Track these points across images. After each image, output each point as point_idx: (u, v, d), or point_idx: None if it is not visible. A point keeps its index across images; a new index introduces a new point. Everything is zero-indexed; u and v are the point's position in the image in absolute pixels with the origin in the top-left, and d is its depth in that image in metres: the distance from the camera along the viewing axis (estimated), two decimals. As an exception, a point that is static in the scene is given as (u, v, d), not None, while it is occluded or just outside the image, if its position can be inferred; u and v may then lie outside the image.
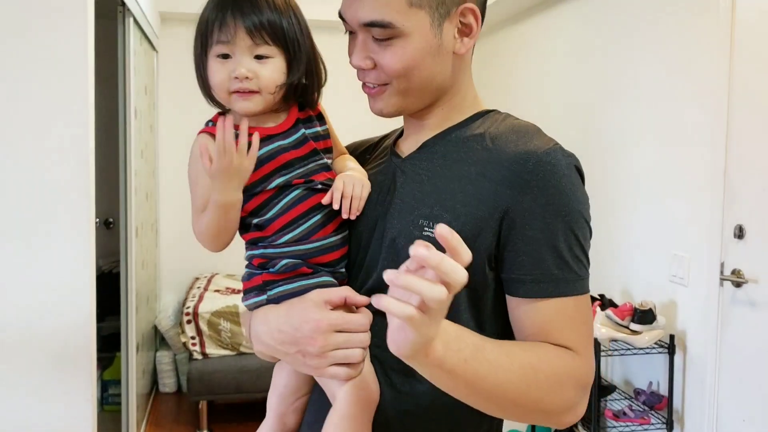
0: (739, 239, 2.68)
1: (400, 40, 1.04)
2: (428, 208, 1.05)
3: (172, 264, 5.14)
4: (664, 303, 3.13)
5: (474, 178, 1.05)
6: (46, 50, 2.39)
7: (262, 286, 1.11)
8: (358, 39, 1.08)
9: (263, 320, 1.10)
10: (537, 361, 0.97)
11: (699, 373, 2.92)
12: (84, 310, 2.48)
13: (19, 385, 2.45)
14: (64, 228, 2.44)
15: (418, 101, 1.12)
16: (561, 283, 1.01)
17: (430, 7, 1.04)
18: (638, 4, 3.32)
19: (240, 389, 4.07)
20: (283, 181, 1.10)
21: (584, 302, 1.04)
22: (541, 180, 1.00)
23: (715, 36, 2.77)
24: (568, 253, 1.01)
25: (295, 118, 1.15)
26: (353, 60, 1.09)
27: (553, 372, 0.97)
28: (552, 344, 1.01)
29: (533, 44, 4.33)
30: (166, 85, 4.96)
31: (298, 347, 1.04)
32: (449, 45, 1.08)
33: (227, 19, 1.05)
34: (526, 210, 1.01)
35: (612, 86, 3.55)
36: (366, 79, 1.11)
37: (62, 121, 2.42)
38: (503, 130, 1.09)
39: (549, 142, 1.04)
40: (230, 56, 1.07)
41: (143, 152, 4.00)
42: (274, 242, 1.11)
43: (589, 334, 1.04)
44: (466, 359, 0.91)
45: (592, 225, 1.08)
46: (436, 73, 1.08)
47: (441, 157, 1.10)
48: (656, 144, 3.18)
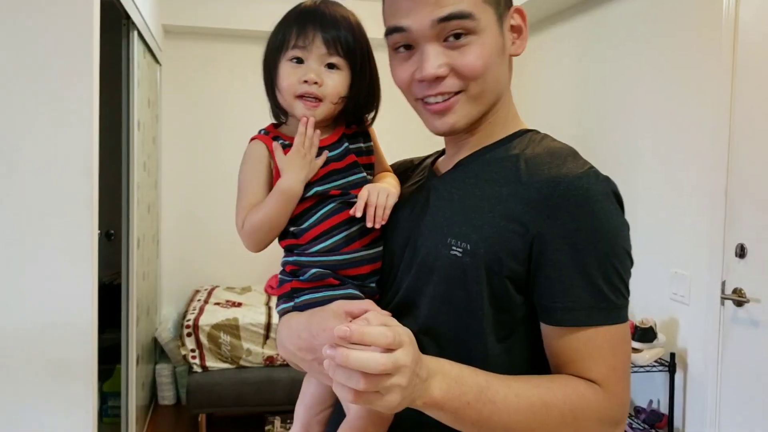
0: (741, 258, 2.68)
1: (476, 37, 1.03)
2: (457, 226, 1.05)
3: (172, 276, 5.13)
4: (665, 321, 3.12)
5: (504, 198, 1.03)
6: (52, 62, 2.41)
7: (290, 293, 1.15)
8: (424, 47, 1.04)
9: (287, 326, 1.12)
10: (550, 397, 0.95)
11: (700, 391, 2.91)
12: (85, 321, 2.48)
13: (20, 395, 2.45)
14: (67, 239, 2.45)
15: (485, 110, 1.10)
16: (594, 312, 0.98)
17: (496, 3, 1.05)
18: (640, 24, 3.33)
19: (239, 402, 4.05)
20: (321, 191, 1.14)
21: (619, 332, 0.99)
22: (573, 205, 0.98)
23: (717, 57, 2.78)
24: (603, 281, 0.98)
25: (341, 133, 1.20)
26: (427, 69, 1.03)
27: (569, 408, 0.95)
28: (577, 376, 0.99)
29: (535, 62, 4.34)
30: (168, 97, 4.98)
31: (315, 355, 1.04)
32: (508, 45, 1.09)
33: (307, 27, 1.13)
34: (556, 235, 0.98)
35: (614, 105, 3.55)
36: (437, 91, 1.05)
37: (66, 133, 2.43)
38: (538, 152, 1.07)
39: (583, 166, 1.02)
40: (303, 62, 1.14)
41: (146, 164, 4.01)
42: (306, 251, 1.14)
43: (620, 367, 0.99)
44: (469, 402, 0.91)
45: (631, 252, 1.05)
46: (501, 76, 1.09)
47: (473, 177, 1.09)
48: (658, 162, 3.19)
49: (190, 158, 5.08)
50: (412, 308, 1.08)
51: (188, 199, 5.10)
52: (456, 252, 1.02)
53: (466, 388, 0.91)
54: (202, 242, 5.16)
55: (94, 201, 2.48)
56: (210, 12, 4.83)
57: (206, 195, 5.09)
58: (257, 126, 1.22)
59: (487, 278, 1.01)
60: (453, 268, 1.03)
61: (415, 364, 0.85)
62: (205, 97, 5.08)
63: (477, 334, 1.03)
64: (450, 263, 1.03)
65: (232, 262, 5.12)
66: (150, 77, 4.23)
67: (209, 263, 5.20)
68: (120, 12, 3.24)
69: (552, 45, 4.16)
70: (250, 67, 5.65)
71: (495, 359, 1.02)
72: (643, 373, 3.13)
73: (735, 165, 2.70)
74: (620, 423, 0.99)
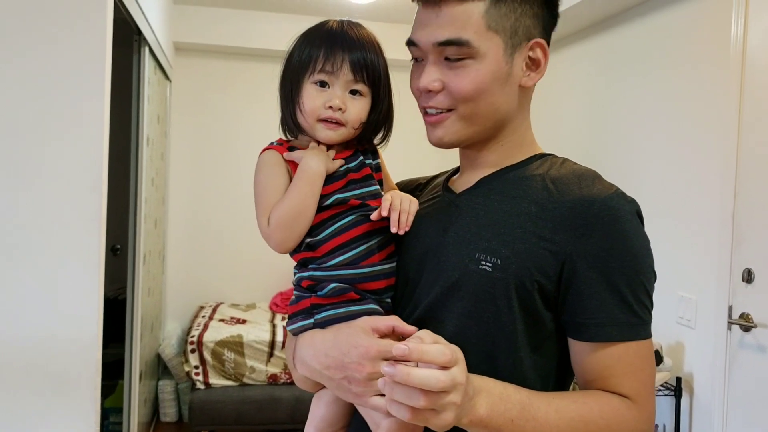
0: (748, 283, 2.66)
1: (473, 62, 1.06)
2: (486, 241, 1.06)
3: (177, 292, 5.14)
4: (671, 345, 3.11)
5: (534, 216, 1.05)
6: (63, 76, 2.42)
7: (309, 309, 1.12)
8: (427, 62, 1.10)
9: (310, 344, 1.10)
10: (587, 413, 0.98)
11: (706, 416, 2.88)
12: (90, 336, 2.47)
13: (21, 409, 2.44)
14: (74, 253, 2.45)
15: (480, 131, 1.12)
16: (625, 328, 1.01)
17: (506, 33, 1.06)
18: (649, 48, 3.34)
19: (241, 420, 4.04)
20: (342, 198, 1.13)
21: (647, 348, 1.03)
22: (606, 225, 1.01)
23: (725, 81, 2.78)
24: (632, 298, 1.01)
25: (355, 149, 1.21)
26: (421, 81, 1.09)
27: (606, 424, 0.98)
28: (610, 392, 1.01)
29: (544, 83, 4.35)
30: (178, 114, 5.01)
31: (345, 373, 1.02)
32: (517, 76, 1.10)
33: (335, 51, 1.13)
34: (589, 254, 1.01)
35: (622, 128, 3.56)
36: (430, 104, 1.11)
37: (76, 147, 2.44)
38: (564, 173, 1.10)
39: (611, 188, 1.05)
40: (328, 86, 1.14)
41: (153, 180, 4.03)
42: (324, 264, 1.12)
43: (649, 382, 1.03)
44: (513, 419, 0.93)
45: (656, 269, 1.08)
46: (501, 103, 1.10)
47: (498, 194, 1.11)
48: (665, 185, 3.19)
49: (198, 175, 5.10)
50: (436, 324, 1.07)
51: (195, 215, 5.12)
52: (486, 267, 1.04)
53: (509, 405, 0.94)
54: (207, 258, 5.17)
55: (102, 215, 2.49)
56: (221, 30, 4.87)
57: (213, 211, 5.11)
58: (265, 144, 1.21)
59: (516, 294, 1.03)
60: (482, 283, 1.04)
61: (467, 382, 0.88)
62: (214, 114, 5.11)
63: (505, 350, 1.05)
64: (479, 278, 1.04)
65: (237, 278, 5.13)
66: (160, 93, 4.26)
67: (214, 280, 5.20)
68: (132, 28, 3.26)
69: (562, 67, 4.17)
70: (260, 85, 5.71)
71: (524, 374, 1.04)
72: (649, 397, 3.11)
73: (742, 189, 2.70)
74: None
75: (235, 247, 5.10)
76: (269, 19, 4.76)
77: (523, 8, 1.07)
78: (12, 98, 2.40)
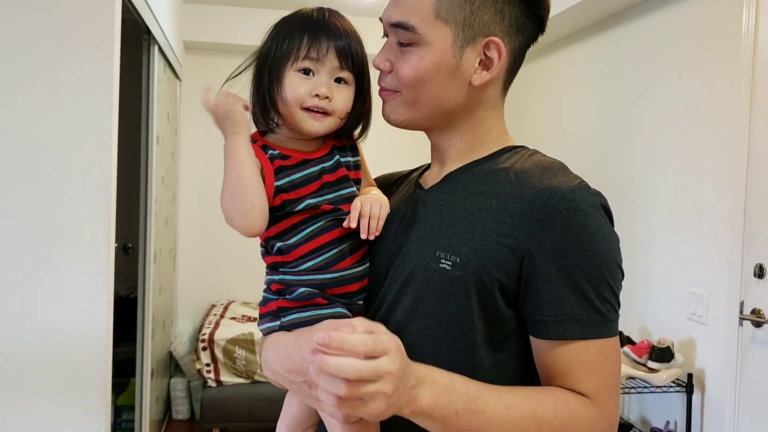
0: (760, 278, 2.65)
1: (418, 48, 1.05)
2: (446, 239, 1.04)
3: (188, 290, 5.15)
4: (683, 341, 3.09)
5: (495, 211, 1.02)
6: (72, 76, 2.43)
7: (276, 312, 1.11)
8: (387, 41, 1.11)
9: (273, 346, 1.09)
10: (540, 410, 0.94)
11: (717, 413, 2.87)
12: (101, 334, 2.49)
13: (34, 407, 2.46)
14: (84, 252, 2.46)
15: (426, 119, 1.11)
16: (585, 325, 0.97)
17: (456, 25, 1.03)
18: (659, 42, 3.33)
19: (252, 417, 4.05)
20: (313, 203, 1.09)
21: (610, 346, 0.99)
22: (564, 218, 0.97)
23: (736, 75, 2.77)
24: (594, 294, 0.98)
25: (332, 145, 1.17)
26: (375, 60, 1.10)
27: (559, 422, 0.94)
28: (569, 390, 0.98)
29: (553, 80, 4.34)
30: (188, 112, 5.02)
31: (305, 377, 1.02)
32: (467, 72, 1.06)
33: (320, 38, 1.09)
34: (547, 249, 0.98)
35: (632, 123, 3.54)
36: (382, 83, 1.11)
37: (85, 145, 2.45)
38: (528, 165, 1.06)
39: (574, 180, 1.02)
40: (312, 74, 1.10)
41: (164, 178, 4.04)
42: (294, 269, 1.10)
43: (611, 381, 0.99)
44: (458, 411, 0.90)
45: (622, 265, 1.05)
46: (447, 96, 1.07)
47: (462, 189, 1.08)
48: (676, 181, 3.17)
49: (208, 173, 5.11)
50: (398, 323, 1.06)
51: (206, 213, 5.13)
52: (445, 265, 1.02)
53: (455, 397, 0.91)
54: (218, 256, 5.18)
55: (112, 214, 2.50)
56: (230, 28, 4.87)
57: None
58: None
59: (476, 292, 1.00)
60: (442, 282, 1.02)
61: (402, 372, 0.84)
62: (224, 112, 5.11)
63: (466, 348, 1.02)
64: (439, 276, 1.02)
65: (248, 276, 5.14)
66: (170, 92, 4.27)
67: (226, 278, 5.22)
68: (141, 27, 3.27)
69: (571, 64, 4.16)
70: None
71: (484, 372, 1.02)
72: (660, 393, 3.10)
73: (754, 184, 2.68)
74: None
75: (246, 245, 5.08)
76: (279, 17, 4.76)
77: (483, 2, 1.03)
78: (21, 98, 2.41)
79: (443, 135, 1.14)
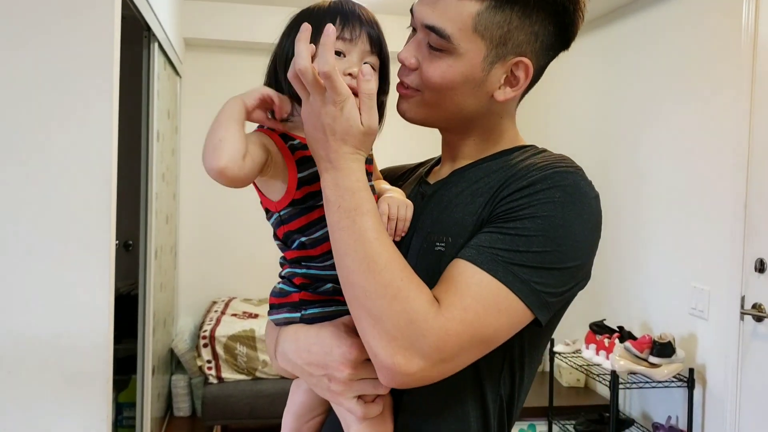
0: (761, 273, 2.65)
1: (449, 57, 1.04)
2: (440, 224, 1.06)
3: (189, 287, 5.15)
4: (684, 336, 3.09)
5: (485, 192, 1.05)
6: (72, 72, 2.43)
7: (298, 304, 1.10)
8: (415, 37, 1.10)
9: (293, 338, 1.09)
10: (395, 269, 0.94)
11: (719, 407, 2.87)
12: (102, 331, 2.49)
13: (34, 405, 2.46)
14: (84, 249, 2.46)
15: (443, 121, 1.12)
16: (483, 253, 0.95)
17: (491, 42, 1.03)
18: (660, 39, 3.32)
19: (254, 414, 4.05)
20: None
21: (493, 287, 0.94)
22: (536, 184, 0.98)
23: (736, 71, 2.76)
24: (509, 243, 0.95)
25: None
26: (402, 53, 1.09)
27: (397, 288, 0.92)
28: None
29: (555, 75, 4.33)
30: (188, 109, 5.01)
31: (326, 371, 1.03)
32: (491, 86, 1.07)
33: (353, 21, 1.08)
34: (507, 201, 0.99)
35: (633, 119, 3.54)
36: (404, 78, 1.11)
37: (85, 143, 2.45)
38: (532, 156, 1.08)
39: (571, 166, 1.02)
40: (343, 55, 1.08)
41: (164, 175, 4.04)
42: (321, 263, 1.09)
43: (470, 311, 0.93)
44: (340, 206, 0.96)
45: (589, 263, 1.03)
46: (467, 105, 1.08)
47: (466, 181, 1.09)
48: (677, 176, 3.17)
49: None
50: None
51: (206, 210, 5.13)
52: (440, 248, 1.03)
53: (349, 197, 0.96)
54: (219, 253, 5.18)
55: (112, 211, 2.50)
56: (231, 25, 4.87)
57: (224, 206, 5.11)
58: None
59: None
60: (435, 263, 1.03)
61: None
62: (224, 109, 5.10)
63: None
64: (434, 258, 1.04)
65: (249, 273, 5.14)
66: (170, 89, 4.26)
67: (227, 275, 5.21)
68: (141, 24, 3.27)
69: (573, 59, 4.15)
70: (269, 79, 5.65)
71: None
72: (662, 388, 3.10)
73: (754, 179, 2.68)
74: (422, 356, 0.92)
75: (248, 241, 5.10)
76: (280, 14, 4.74)
77: (522, 23, 1.03)
78: (21, 95, 2.41)
79: (457, 135, 1.15)
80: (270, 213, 1.13)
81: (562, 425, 3.55)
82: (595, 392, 3.88)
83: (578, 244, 0.99)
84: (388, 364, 0.92)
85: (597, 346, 3.33)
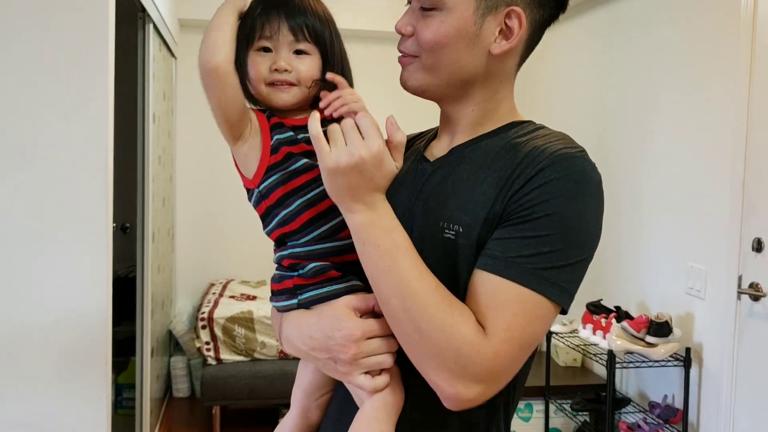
0: (758, 252, 2.66)
1: (440, 13, 1.05)
2: (449, 210, 1.05)
3: (187, 269, 5.15)
4: (681, 316, 3.11)
5: (493, 180, 1.04)
6: (66, 54, 2.42)
7: (293, 289, 1.12)
8: (410, 6, 1.12)
9: (295, 325, 1.11)
10: (438, 301, 0.96)
11: (715, 386, 2.89)
12: (100, 314, 2.49)
13: (34, 387, 2.47)
14: (82, 232, 2.46)
15: (443, 85, 1.11)
16: (512, 265, 0.96)
17: None
18: (659, 17, 3.31)
19: (253, 395, 4.07)
20: (311, 163, 1.10)
21: (534, 300, 0.96)
22: (546, 173, 0.99)
23: (735, 50, 2.75)
24: (533, 247, 0.97)
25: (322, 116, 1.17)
26: (397, 24, 1.12)
27: (441, 321, 0.95)
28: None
29: (554, 54, 4.32)
30: (184, 91, 4.99)
31: (330, 354, 1.05)
32: (486, 40, 1.07)
33: (272, 17, 1.13)
34: (519, 197, 0.99)
35: (632, 99, 3.53)
36: (401, 47, 1.12)
37: (81, 125, 2.44)
38: (532, 136, 1.07)
39: (574, 148, 1.03)
40: (271, 51, 1.14)
41: (161, 158, 4.03)
42: (301, 240, 1.11)
43: (516, 331, 0.96)
44: (379, 245, 0.99)
45: (600, 244, 1.04)
46: (465, 63, 1.08)
47: (468, 162, 1.09)
48: (675, 156, 3.17)
49: (205, 152, 5.08)
50: None
51: (203, 192, 5.12)
52: (449, 235, 1.04)
53: (385, 235, 0.99)
54: (217, 236, 5.18)
55: (109, 194, 2.49)
56: (225, 6, 4.83)
57: (221, 189, 5.10)
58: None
59: (476, 259, 1.02)
60: (448, 250, 1.04)
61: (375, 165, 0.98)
62: (220, 90, 5.08)
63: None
64: (444, 245, 1.04)
65: (247, 255, 5.13)
66: (165, 70, 4.24)
67: (224, 257, 5.22)
68: (136, 5, 3.25)
69: (571, 38, 4.13)
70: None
71: None
72: (658, 368, 3.12)
73: (753, 159, 2.68)
74: (480, 381, 0.95)
75: (245, 223, 5.08)
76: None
77: None
78: (16, 78, 2.39)
79: (457, 105, 1.14)
80: (251, 192, 1.16)
81: (559, 404, 3.57)
82: (592, 372, 3.90)
83: (591, 233, 1.02)
84: (450, 394, 0.96)
85: (594, 326, 3.34)
